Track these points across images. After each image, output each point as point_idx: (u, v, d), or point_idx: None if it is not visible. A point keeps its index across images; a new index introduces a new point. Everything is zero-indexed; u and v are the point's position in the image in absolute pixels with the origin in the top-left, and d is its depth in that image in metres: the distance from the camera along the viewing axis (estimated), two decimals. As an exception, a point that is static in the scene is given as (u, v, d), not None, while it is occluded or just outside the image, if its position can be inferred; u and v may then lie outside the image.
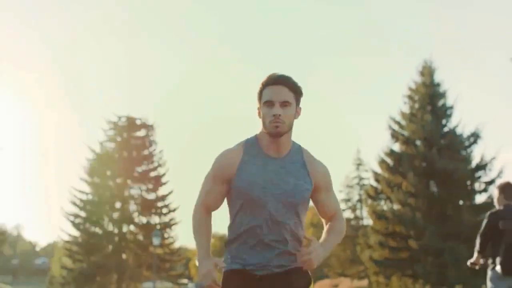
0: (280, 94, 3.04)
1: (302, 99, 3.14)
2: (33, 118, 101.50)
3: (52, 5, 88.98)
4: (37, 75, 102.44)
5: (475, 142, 29.23)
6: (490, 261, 6.43)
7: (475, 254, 6.51)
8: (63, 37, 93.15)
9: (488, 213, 6.64)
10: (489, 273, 6.45)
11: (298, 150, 3.17)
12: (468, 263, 6.66)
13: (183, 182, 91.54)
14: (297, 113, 3.14)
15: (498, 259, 6.27)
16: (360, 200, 42.66)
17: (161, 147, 39.57)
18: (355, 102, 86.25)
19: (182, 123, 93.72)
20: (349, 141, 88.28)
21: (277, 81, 3.07)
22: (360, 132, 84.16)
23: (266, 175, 3.06)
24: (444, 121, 29.87)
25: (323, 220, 3.30)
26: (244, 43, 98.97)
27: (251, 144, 3.15)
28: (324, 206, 3.21)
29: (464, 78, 75.34)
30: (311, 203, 3.20)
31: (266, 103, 3.05)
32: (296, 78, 3.10)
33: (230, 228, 3.17)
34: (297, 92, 3.10)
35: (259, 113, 3.14)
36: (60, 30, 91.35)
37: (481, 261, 6.45)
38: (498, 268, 6.28)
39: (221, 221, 3.24)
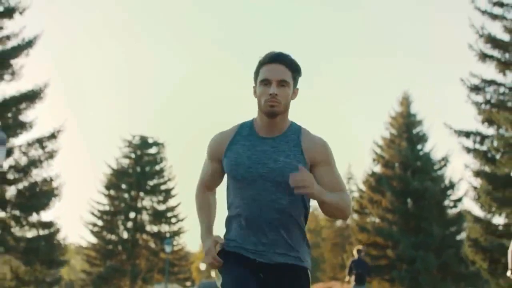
0: (278, 72, 3.02)
1: (301, 81, 3.15)
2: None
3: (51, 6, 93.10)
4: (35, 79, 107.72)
5: (445, 165, 35.42)
6: (352, 279, 14.22)
7: (347, 276, 14.65)
8: (62, 39, 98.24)
9: (350, 260, 14.66)
10: (351, 284, 14.12)
11: (296, 130, 3.14)
12: (345, 279, 14.65)
13: (190, 195, 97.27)
14: (294, 94, 3.11)
15: (353, 278, 14.40)
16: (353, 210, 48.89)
17: (170, 162, 45.69)
18: (356, 104, 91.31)
19: (183, 127, 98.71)
20: (350, 144, 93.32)
21: (275, 59, 3.05)
22: (361, 135, 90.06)
23: (253, 154, 3.08)
24: (419, 146, 36.06)
25: None
26: (244, 47, 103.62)
27: (245, 126, 3.19)
28: (323, 181, 3.08)
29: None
30: None
31: (262, 82, 3.04)
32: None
33: (227, 209, 3.23)
34: (295, 70, 3.08)
35: (254, 92, 3.12)
36: (59, 32, 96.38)
37: (351, 279, 14.33)
38: (353, 282, 14.44)
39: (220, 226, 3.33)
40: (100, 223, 41.87)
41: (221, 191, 3.37)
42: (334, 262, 47.14)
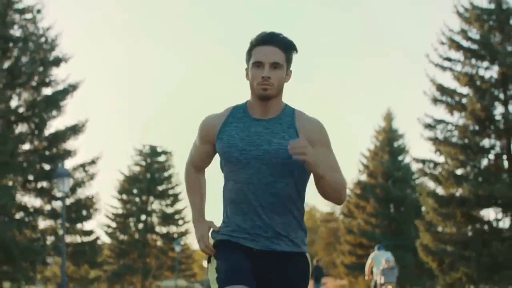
0: (271, 54, 3.08)
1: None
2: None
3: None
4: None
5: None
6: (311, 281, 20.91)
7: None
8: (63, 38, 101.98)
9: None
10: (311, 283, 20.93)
11: (289, 112, 3.19)
12: None
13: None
14: (287, 76, 3.17)
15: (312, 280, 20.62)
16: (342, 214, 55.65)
17: (177, 169, 52.32)
18: (355, 103, 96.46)
19: (184, 126, 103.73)
20: (349, 143, 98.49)
21: (268, 40, 3.11)
22: (360, 133, 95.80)
23: (247, 136, 3.13)
24: (400, 158, 42.86)
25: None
26: (244, 45, 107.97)
27: (238, 108, 3.24)
28: None
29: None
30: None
31: (255, 64, 3.10)
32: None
33: (222, 192, 3.28)
34: (289, 51, 3.15)
35: (247, 74, 3.18)
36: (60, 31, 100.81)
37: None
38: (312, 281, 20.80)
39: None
40: (113, 225, 47.86)
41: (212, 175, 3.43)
42: (327, 259, 53.99)
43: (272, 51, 3.09)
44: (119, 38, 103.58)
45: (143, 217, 48.45)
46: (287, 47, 3.14)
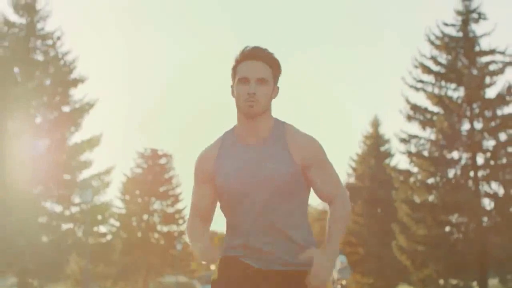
0: (256, 69, 3.05)
1: (282, 80, 3.17)
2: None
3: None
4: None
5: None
6: None
7: None
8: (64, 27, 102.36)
9: None
10: None
11: (280, 130, 3.15)
12: None
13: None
14: (274, 92, 3.13)
15: None
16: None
17: (177, 171, 56.67)
18: (350, 91, 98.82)
19: (185, 120, 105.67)
20: (345, 131, 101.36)
21: (253, 55, 3.07)
22: (355, 122, 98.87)
23: (243, 164, 3.11)
24: (387, 161, 47.45)
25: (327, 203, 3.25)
26: (243, 34, 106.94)
27: (228, 136, 3.21)
28: (317, 185, 3.15)
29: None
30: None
31: (240, 80, 3.07)
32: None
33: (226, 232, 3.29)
34: (275, 67, 3.11)
35: (232, 91, 3.14)
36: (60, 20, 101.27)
37: None
38: None
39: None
40: (117, 224, 51.56)
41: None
42: (320, 256, 58.59)
43: (258, 66, 3.07)
44: (119, 32, 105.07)
45: (145, 216, 52.21)
46: (274, 62, 3.12)
